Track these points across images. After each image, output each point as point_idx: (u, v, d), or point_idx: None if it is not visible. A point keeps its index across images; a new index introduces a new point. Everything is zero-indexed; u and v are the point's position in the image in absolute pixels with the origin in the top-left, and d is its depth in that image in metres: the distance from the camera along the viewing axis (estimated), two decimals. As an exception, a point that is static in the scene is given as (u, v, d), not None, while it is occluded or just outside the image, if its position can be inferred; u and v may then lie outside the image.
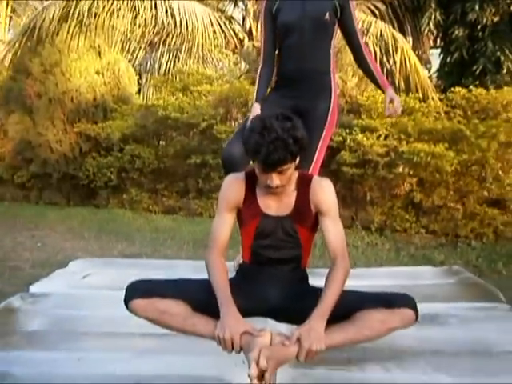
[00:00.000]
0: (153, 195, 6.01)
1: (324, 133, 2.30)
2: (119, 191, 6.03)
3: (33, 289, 2.37)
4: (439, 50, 7.29)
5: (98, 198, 6.29)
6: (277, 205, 1.65)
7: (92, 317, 1.96)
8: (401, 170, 4.23)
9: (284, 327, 1.64)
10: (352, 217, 5.08)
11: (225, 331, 1.41)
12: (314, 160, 2.29)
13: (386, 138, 4.45)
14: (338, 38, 2.40)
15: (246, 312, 1.66)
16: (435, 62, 7.62)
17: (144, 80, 8.30)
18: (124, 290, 1.53)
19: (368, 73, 2.34)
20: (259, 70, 2.33)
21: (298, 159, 1.54)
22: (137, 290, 1.55)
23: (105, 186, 6.12)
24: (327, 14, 2.18)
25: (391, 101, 2.23)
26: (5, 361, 1.61)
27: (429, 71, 8.47)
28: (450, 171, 4.20)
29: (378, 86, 2.35)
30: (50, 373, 1.56)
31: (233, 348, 1.42)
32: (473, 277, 2.66)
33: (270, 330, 1.46)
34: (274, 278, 1.64)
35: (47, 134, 5.86)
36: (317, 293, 1.56)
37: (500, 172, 4.21)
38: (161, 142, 5.55)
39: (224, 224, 1.64)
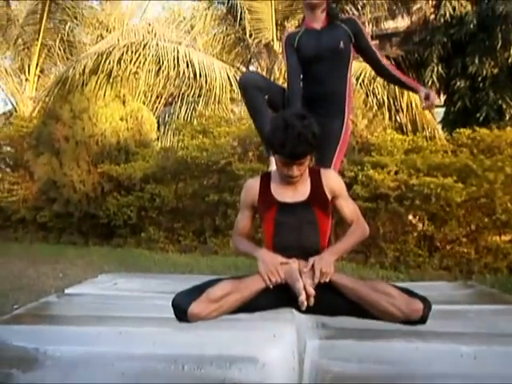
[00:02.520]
0: (169, 235, 6.17)
1: (338, 148, 2.51)
2: (137, 230, 6.20)
3: (67, 291, 2.51)
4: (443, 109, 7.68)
5: (115, 238, 6.44)
6: (293, 193, 1.88)
7: (127, 307, 2.08)
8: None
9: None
10: (366, 253, 5.17)
11: (268, 265, 1.69)
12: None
13: (396, 173, 4.66)
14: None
15: (272, 303, 1.80)
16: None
17: (162, 131, 8.77)
18: (171, 306, 1.67)
19: (393, 79, 2.49)
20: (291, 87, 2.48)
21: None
22: (186, 297, 1.65)
23: (124, 225, 6.30)
24: (341, 42, 2.40)
25: (426, 96, 2.29)
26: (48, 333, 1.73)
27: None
28: (460, 202, 4.34)
29: (407, 88, 2.52)
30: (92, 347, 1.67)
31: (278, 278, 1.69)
32: (488, 288, 2.74)
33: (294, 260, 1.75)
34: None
35: (72, 174, 6.17)
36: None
37: (509, 204, 4.35)
38: (179, 182, 5.80)
39: (243, 218, 1.98)
